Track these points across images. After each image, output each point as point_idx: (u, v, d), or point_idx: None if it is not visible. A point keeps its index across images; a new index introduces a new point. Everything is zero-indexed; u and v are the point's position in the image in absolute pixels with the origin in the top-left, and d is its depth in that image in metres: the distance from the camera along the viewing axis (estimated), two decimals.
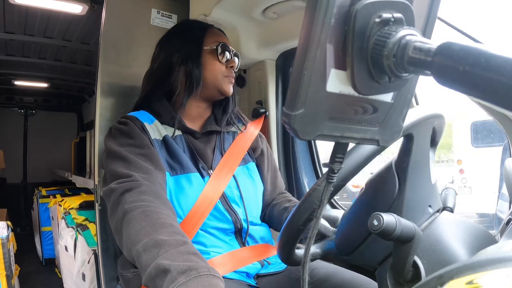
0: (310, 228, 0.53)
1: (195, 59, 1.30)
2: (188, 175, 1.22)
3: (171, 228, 0.93)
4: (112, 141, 1.19)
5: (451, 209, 0.86)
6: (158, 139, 1.25)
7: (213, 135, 1.37)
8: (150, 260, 0.85)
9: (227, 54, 1.33)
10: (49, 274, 4.31)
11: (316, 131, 0.41)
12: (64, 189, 5.13)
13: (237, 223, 1.24)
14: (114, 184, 1.06)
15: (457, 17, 1.17)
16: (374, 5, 0.38)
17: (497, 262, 0.38)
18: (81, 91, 6.09)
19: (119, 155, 1.13)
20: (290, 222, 0.77)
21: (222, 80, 1.32)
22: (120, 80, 1.84)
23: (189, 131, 1.32)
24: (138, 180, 1.05)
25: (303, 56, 0.38)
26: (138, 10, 1.90)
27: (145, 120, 1.27)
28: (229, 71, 1.33)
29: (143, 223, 0.93)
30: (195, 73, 1.29)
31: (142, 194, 1.02)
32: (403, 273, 0.72)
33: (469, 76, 0.31)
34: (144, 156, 1.15)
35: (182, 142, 1.29)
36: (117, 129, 1.22)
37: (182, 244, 0.88)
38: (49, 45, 3.95)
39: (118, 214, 1.00)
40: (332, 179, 0.49)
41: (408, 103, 0.46)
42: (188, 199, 1.18)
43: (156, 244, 0.87)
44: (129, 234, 0.94)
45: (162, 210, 0.99)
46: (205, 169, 1.27)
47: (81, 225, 2.98)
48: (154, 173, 1.11)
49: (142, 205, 0.97)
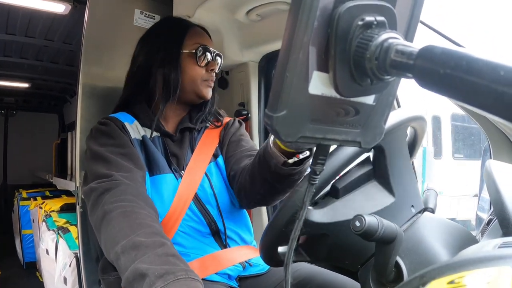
0: (293, 230, 0.53)
1: (173, 63, 1.26)
2: (163, 176, 1.21)
3: (150, 229, 0.92)
4: (93, 141, 1.18)
5: (433, 210, 0.87)
6: (138, 139, 1.25)
7: (187, 133, 1.34)
8: (128, 263, 0.84)
9: (207, 57, 1.28)
10: (30, 278, 4.25)
11: (298, 133, 0.41)
12: (45, 191, 5.06)
13: (212, 225, 1.23)
14: (94, 183, 1.05)
15: (439, 20, 1.19)
16: (357, 8, 0.38)
17: (478, 262, 0.38)
18: (62, 92, 6.01)
19: (100, 155, 1.12)
20: (273, 223, 0.77)
21: (201, 84, 1.28)
22: (102, 81, 1.83)
23: (166, 133, 1.30)
24: (118, 180, 1.05)
25: (285, 58, 0.38)
26: (121, 11, 1.88)
27: (126, 120, 1.26)
28: (209, 74, 1.29)
29: (122, 224, 0.92)
30: (173, 77, 1.25)
31: (122, 193, 1.01)
32: (385, 273, 0.73)
33: (450, 79, 0.31)
34: (125, 155, 1.14)
35: (159, 143, 1.28)
36: (98, 129, 1.21)
37: (160, 246, 0.87)
38: (31, 45, 3.89)
39: (98, 214, 0.99)
40: (314, 181, 0.49)
41: (390, 105, 0.47)
42: (165, 201, 1.18)
43: (134, 246, 0.86)
44: (108, 235, 0.93)
45: (142, 210, 0.98)
46: (177, 170, 1.26)
47: (62, 228, 2.94)
48: (134, 172, 1.11)
49: (121, 205, 0.97)
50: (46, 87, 5.72)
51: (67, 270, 2.51)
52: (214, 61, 1.31)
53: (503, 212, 0.68)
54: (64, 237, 2.75)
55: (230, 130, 1.40)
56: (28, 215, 4.63)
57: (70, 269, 2.48)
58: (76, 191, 1.81)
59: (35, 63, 4.48)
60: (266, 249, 0.82)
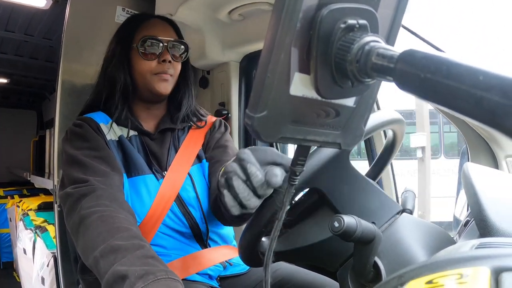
0: (272, 230, 0.53)
1: (122, 60, 1.23)
2: (143, 177, 1.19)
3: (128, 232, 0.91)
4: (68, 144, 1.16)
5: (411, 211, 0.89)
6: (114, 140, 1.22)
7: (168, 133, 1.31)
8: (107, 266, 0.83)
9: (153, 48, 1.21)
10: (7, 278, 4.19)
11: (279, 133, 0.41)
12: (23, 189, 4.99)
13: (194, 227, 1.22)
14: (70, 188, 1.04)
15: (420, 25, 1.21)
16: (340, 11, 0.39)
17: (456, 262, 0.39)
18: (41, 88, 5.90)
19: (75, 159, 1.10)
20: (252, 224, 0.77)
21: (151, 79, 1.22)
22: (82, 79, 1.81)
23: (144, 132, 1.27)
24: (94, 185, 1.03)
25: (267, 59, 0.38)
26: (103, 7, 1.87)
27: (101, 120, 1.23)
28: (160, 66, 1.21)
29: (100, 229, 0.91)
30: (120, 76, 1.22)
31: (98, 198, 0.99)
32: (364, 273, 0.74)
33: (430, 83, 0.31)
34: (100, 158, 1.12)
35: (137, 143, 1.25)
36: (73, 132, 1.18)
37: (139, 248, 0.86)
38: (10, 39, 3.83)
39: (75, 219, 0.98)
40: (294, 182, 0.49)
41: (370, 107, 0.47)
42: (144, 202, 1.16)
43: (112, 250, 0.85)
44: (86, 240, 0.92)
45: (119, 214, 0.97)
46: (158, 171, 1.23)
47: (40, 227, 2.90)
48: (110, 176, 1.09)
49: (98, 210, 0.95)
50: (25, 83, 5.62)
51: (45, 270, 2.48)
52: (166, 51, 1.22)
53: (480, 214, 0.70)
54: (42, 236, 2.71)
55: (215, 135, 1.36)
56: (5, 213, 4.56)
57: (48, 269, 2.45)
58: (54, 189, 1.79)
59: (15, 58, 4.40)
60: (245, 250, 0.82)
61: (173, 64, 1.25)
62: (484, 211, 0.69)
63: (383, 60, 0.35)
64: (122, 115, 1.24)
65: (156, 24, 1.27)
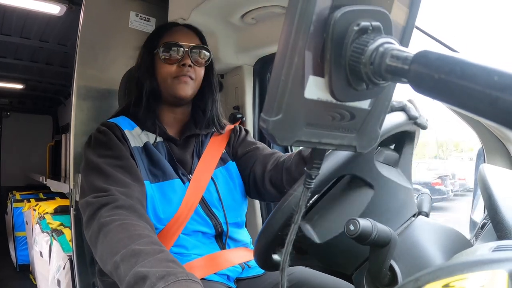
0: (288, 233, 0.53)
1: (147, 65, 1.28)
2: (170, 181, 1.21)
3: (148, 239, 0.92)
4: (91, 151, 1.17)
5: (427, 213, 0.88)
6: (138, 147, 1.23)
7: (193, 139, 1.34)
8: (128, 269, 0.84)
9: (173, 52, 1.25)
10: (24, 280, 4.22)
11: (294, 137, 0.41)
12: (39, 193, 5.03)
13: (218, 226, 1.24)
14: (90, 197, 1.05)
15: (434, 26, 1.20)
16: (353, 13, 0.38)
17: (473, 265, 0.38)
18: (57, 94, 5.98)
19: (97, 167, 1.11)
20: (267, 228, 0.77)
21: (172, 83, 1.25)
22: (97, 83, 1.83)
23: (169, 138, 1.30)
24: (115, 195, 1.04)
25: (281, 62, 0.38)
26: (117, 13, 1.88)
27: (126, 127, 1.25)
28: (180, 69, 1.25)
29: (120, 235, 0.92)
30: (146, 80, 1.26)
31: (118, 208, 1.01)
32: (380, 277, 0.73)
33: (445, 84, 0.31)
34: (122, 168, 1.13)
35: (163, 148, 1.28)
36: (96, 138, 1.20)
37: (160, 252, 0.87)
38: (26, 46, 3.88)
39: (94, 228, 0.99)
40: (310, 185, 0.49)
41: (385, 110, 0.47)
42: (171, 205, 1.18)
43: (133, 253, 0.86)
44: (106, 247, 0.93)
45: (139, 223, 0.98)
46: (185, 175, 1.26)
47: (56, 230, 2.93)
48: (131, 187, 1.10)
49: (118, 219, 0.97)
50: (40, 89, 5.70)
51: (61, 273, 2.50)
52: (187, 55, 1.26)
53: (497, 216, 0.69)
54: (58, 239, 2.74)
55: (244, 142, 1.42)
56: (21, 217, 4.61)
57: (64, 271, 2.47)
58: (70, 193, 1.80)
59: (30, 64, 4.46)
60: (260, 254, 0.82)
61: (194, 69, 1.27)
62: (501, 213, 0.69)
63: (397, 62, 0.35)
64: (149, 121, 1.27)
65: (178, 30, 1.31)
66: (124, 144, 1.20)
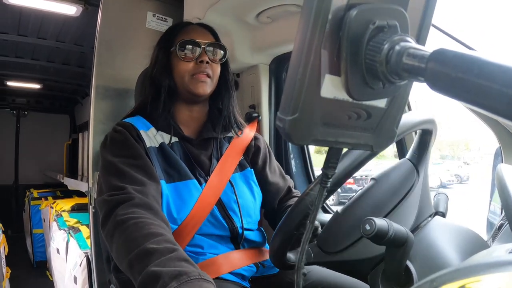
0: (304, 232, 0.53)
1: (164, 63, 1.28)
2: (185, 182, 1.21)
3: (162, 237, 0.93)
4: (107, 151, 1.18)
5: (443, 214, 0.87)
6: (154, 147, 1.24)
7: (210, 140, 1.34)
8: (141, 268, 0.85)
9: (189, 49, 1.25)
10: (40, 277, 4.29)
11: (310, 136, 0.41)
12: (56, 191, 5.11)
13: (234, 231, 1.24)
14: (107, 196, 1.06)
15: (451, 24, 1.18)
16: (369, 12, 0.38)
17: (490, 266, 0.38)
18: (73, 93, 6.06)
19: (113, 166, 1.13)
20: (283, 227, 0.78)
21: (189, 80, 1.25)
22: (115, 83, 1.84)
23: (185, 138, 1.30)
24: (131, 193, 1.05)
25: (297, 61, 0.38)
26: (134, 13, 1.90)
27: (141, 127, 1.25)
28: (197, 66, 1.25)
29: (135, 234, 0.93)
30: (163, 79, 1.26)
31: (134, 206, 1.01)
32: (395, 277, 0.73)
33: (462, 82, 0.31)
34: (138, 167, 1.14)
35: (179, 149, 1.28)
36: (112, 138, 1.21)
37: (173, 251, 0.88)
38: (43, 46, 3.94)
39: (110, 226, 1.00)
40: (326, 184, 0.49)
41: (402, 109, 0.47)
42: (186, 205, 1.18)
43: (147, 253, 0.87)
44: (121, 245, 0.95)
45: (154, 221, 0.99)
46: (202, 176, 1.25)
47: (73, 227, 2.97)
48: (147, 185, 1.11)
49: (133, 217, 0.98)
50: (57, 88, 5.78)
51: (78, 270, 2.53)
52: (204, 52, 1.26)
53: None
54: (75, 236, 2.78)
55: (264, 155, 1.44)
56: (39, 214, 4.67)
57: (80, 268, 2.50)
58: (89, 191, 1.82)
59: (47, 65, 4.53)
60: (276, 253, 0.82)
61: (211, 66, 1.28)
62: None
63: (414, 60, 0.35)
64: (164, 121, 1.27)
65: (194, 28, 1.32)
66: (140, 144, 1.21)
